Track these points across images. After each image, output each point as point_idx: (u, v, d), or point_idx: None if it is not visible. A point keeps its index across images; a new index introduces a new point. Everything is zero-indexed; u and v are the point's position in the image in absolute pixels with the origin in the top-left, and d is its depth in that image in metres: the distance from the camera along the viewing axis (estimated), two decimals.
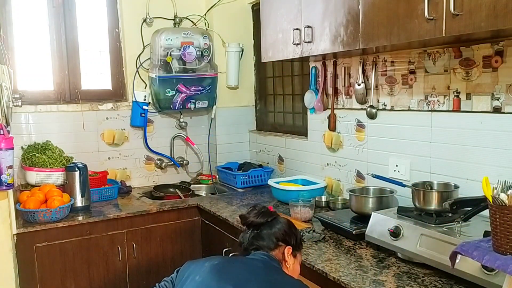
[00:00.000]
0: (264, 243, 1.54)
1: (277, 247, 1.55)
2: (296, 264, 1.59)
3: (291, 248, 1.56)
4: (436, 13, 1.56)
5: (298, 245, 1.62)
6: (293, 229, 1.62)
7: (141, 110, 3.23)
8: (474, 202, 1.63)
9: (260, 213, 1.58)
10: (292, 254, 1.57)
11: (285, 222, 1.61)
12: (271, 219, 1.58)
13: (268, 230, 1.56)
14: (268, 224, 1.57)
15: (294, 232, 1.61)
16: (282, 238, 1.56)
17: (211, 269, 1.42)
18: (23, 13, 3.00)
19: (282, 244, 1.55)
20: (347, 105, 2.59)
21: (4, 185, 2.16)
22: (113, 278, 2.66)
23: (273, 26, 2.53)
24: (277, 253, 1.55)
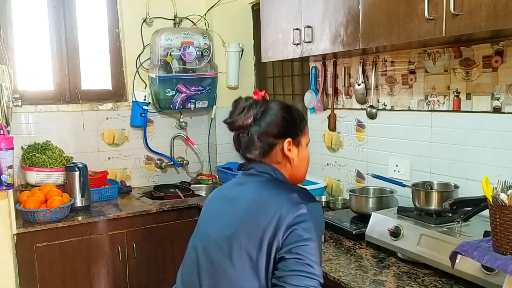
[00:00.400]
0: (259, 147, 1.31)
1: (273, 146, 1.32)
2: (301, 152, 1.35)
3: (291, 140, 1.33)
4: (436, 13, 1.56)
5: (298, 130, 1.35)
6: (288, 115, 1.34)
7: (141, 110, 3.23)
8: (474, 202, 1.63)
9: (243, 110, 1.33)
10: (294, 144, 1.33)
11: (279, 109, 1.33)
12: (259, 112, 1.32)
13: (259, 129, 1.31)
14: (258, 122, 1.31)
15: (293, 117, 1.35)
16: (278, 134, 1.31)
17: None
18: (23, 13, 2.99)
19: (278, 140, 1.32)
20: (347, 105, 2.59)
21: (4, 185, 2.16)
22: (113, 278, 2.66)
23: (273, 26, 2.53)
24: (276, 151, 1.32)
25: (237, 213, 1.26)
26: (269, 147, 1.32)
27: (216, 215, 1.34)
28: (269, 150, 1.32)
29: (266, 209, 1.21)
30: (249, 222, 1.22)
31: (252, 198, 1.28)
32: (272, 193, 1.26)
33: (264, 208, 1.22)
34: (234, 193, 1.34)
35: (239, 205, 1.28)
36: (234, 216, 1.26)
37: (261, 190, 1.29)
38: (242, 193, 1.31)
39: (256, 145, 1.32)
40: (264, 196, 1.26)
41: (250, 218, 1.23)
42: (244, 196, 1.30)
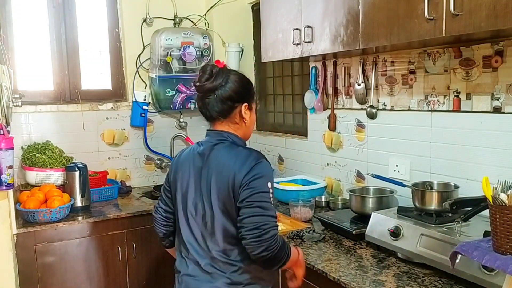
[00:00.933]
0: (221, 109, 1.57)
1: (233, 109, 1.58)
2: (252, 115, 1.64)
3: (247, 104, 1.60)
4: (436, 13, 1.56)
5: (251, 97, 1.64)
6: (247, 85, 1.62)
7: (141, 110, 3.23)
8: (474, 202, 1.63)
9: (213, 77, 1.55)
10: (248, 108, 1.61)
11: (238, 80, 1.59)
12: (224, 81, 1.56)
13: (222, 93, 1.56)
14: (222, 88, 1.55)
15: (248, 87, 1.62)
16: (236, 99, 1.57)
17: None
18: (23, 13, 3.00)
19: (237, 104, 1.58)
20: (347, 105, 2.59)
21: (4, 185, 2.16)
22: (113, 278, 2.66)
23: (273, 26, 2.53)
24: (235, 113, 1.59)
25: (208, 179, 1.53)
26: (230, 109, 1.58)
27: (194, 185, 1.58)
28: (229, 112, 1.58)
29: (227, 171, 1.49)
30: (218, 182, 1.51)
31: (215, 164, 1.54)
32: (230, 156, 1.53)
33: (225, 170, 1.50)
34: (199, 163, 1.58)
35: (208, 173, 1.54)
36: (207, 182, 1.53)
37: (221, 156, 1.55)
38: (207, 161, 1.56)
39: (219, 107, 1.57)
40: (224, 161, 1.53)
41: (217, 178, 1.51)
42: (209, 164, 1.55)
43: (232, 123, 1.61)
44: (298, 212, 2.35)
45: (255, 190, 1.46)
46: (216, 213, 1.50)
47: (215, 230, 1.52)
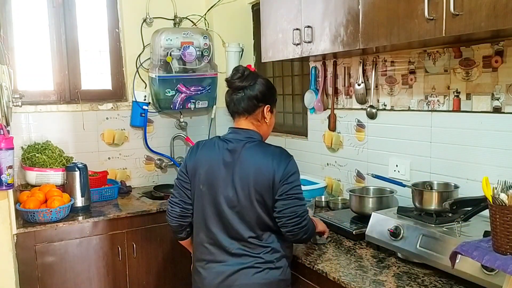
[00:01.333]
0: (247, 105, 1.77)
1: (257, 107, 1.78)
2: (272, 118, 1.86)
3: (269, 106, 1.81)
4: (436, 13, 1.56)
5: (274, 101, 1.86)
6: (271, 89, 1.84)
7: (141, 110, 3.23)
8: (474, 202, 1.63)
9: (244, 77, 1.77)
10: (270, 110, 1.82)
11: (264, 83, 1.81)
12: (253, 82, 1.77)
13: (250, 92, 1.77)
14: (250, 87, 1.77)
15: (272, 92, 1.84)
16: (261, 99, 1.78)
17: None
18: (23, 13, 3.00)
19: (261, 104, 1.78)
20: (347, 105, 2.59)
21: (4, 185, 2.16)
22: (113, 278, 2.66)
23: (273, 26, 2.53)
24: (259, 112, 1.79)
25: (244, 174, 1.69)
26: (254, 107, 1.78)
27: (225, 180, 1.71)
28: (254, 110, 1.78)
29: (266, 168, 1.68)
30: (257, 178, 1.67)
31: (251, 162, 1.70)
32: (265, 155, 1.72)
33: (264, 167, 1.68)
34: (230, 159, 1.73)
35: (243, 169, 1.70)
36: (242, 177, 1.69)
37: (255, 154, 1.72)
38: (239, 158, 1.72)
39: (245, 103, 1.77)
40: (259, 159, 1.71)
41: (257, 175, 1.67)
42: (243, 161, 1.71)
43: (255, 120, 1.79)
44: None
45: (293, 185, 1.68)
46: (254, 204, 1.68)
47: (250, 219, 1.69)
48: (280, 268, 1.73)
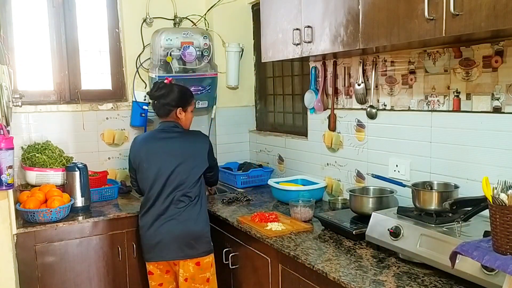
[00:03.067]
0: (162, 111, 2.46)
1: (171, 111, 2.45)
2: (187, 115, 2.51)
3: (181, 108, 2.46)
4: (436, 13, 1.56)
5: (187, 104, 2.49)
6: (182, 96, 2.47)
7: (141, 110, 3.23)
8: (474, 202, 1.63)
9: (158, 88, 2.45)
10: (183, 110, 2.47)
11: (176, 92, 2.46)
12: (166, 91, 2.44)
13: (163, 101, 2.44)
14: (163, 97, 2.43)
15: (184, 97, 2.48)
16: (174, 104, 2.44)
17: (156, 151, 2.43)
18: (23, 13, 3.00)
19: (174, 108, 2.45)
20: (347, 105, 2.59)
21: (4, 185, 2.16)
22: (113, 278, 2.66)
23: (273, 26, 2.53)
24: (173, 114, 2.45)
25: (178, 153, 2.40)
26: (169, 111, 2.46)
27: (163, 160, 2.39)
28: (169, 112, 2.47)
29: (200, 146, 2.46)
30: (191, 153, 2.42)
31: (182, 144, 2.44)
32: (196, 138, 2.50)
33: (198, 146, 2.46)
34: (164, 145, 2.42)
35: (177, 150, 2.40)
36: (178, 155, 2.39)
37: (184, 139, 2.46)
38: (172, 143, 2.42)
39: (162, 109, 2.47)
40: (189, 141, 2.47)
41: (189, 152, 2.42)
42: (175, 144, 2.42)
43: (172, 119, 2.47)
44: (298, 212, 2.35)
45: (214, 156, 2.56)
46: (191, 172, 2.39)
47: (186, 182, 2.37)
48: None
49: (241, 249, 2.38)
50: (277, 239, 2.08)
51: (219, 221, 2.57)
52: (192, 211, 2.34)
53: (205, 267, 2.35)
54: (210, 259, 2.37)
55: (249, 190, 3.14)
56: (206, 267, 2.35)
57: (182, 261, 2.32)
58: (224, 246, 2.51)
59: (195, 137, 2.48)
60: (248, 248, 2.31)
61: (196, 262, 2.32)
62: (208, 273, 2.36)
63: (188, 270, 2.32)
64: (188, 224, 2.31)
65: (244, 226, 2.31)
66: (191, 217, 2.33)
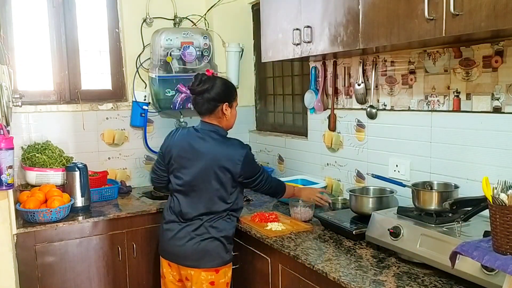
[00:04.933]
0: (207, 107, 2.15)
1: (216, 107, 2.15)
2: (233, 111, 2.22)
3: (227, 104, 2.16)
4: (436, 13, 1.56)
5: (232, 98, 2.20)
6: (228, 89, 2.19)
7: (141, 110, 3.23)
8: (474, 202, 1.63)
9: (201, 82, 2.13)
10: (229, 106, 2.17)
11: (221, 85, 2.16)
12: (210, 85, 2.12)
13: (208, 95, 2.13)
14: (208, 91, 2.12)
15: (229, 90, 2.19)
16: (219, 99, 2.14)
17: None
18: (23, 13, 2.99)
19: (219, 103, 2.15)
20: (347, 105, 2.59)
21: (4, 185, 2.16)
22: (113, 278, 2.66)
23: (273, 26, 2.53)
24: (218, 110, 2.16)
25: (208, 159, 2.12)
26: (214, 107, 2.16)
27: (193, 164, 2.15)
28: (214, 109, 2.16)
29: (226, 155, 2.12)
30: (219, 161, 2.11)
31: (214, 151, 2.14)
32: (226, 146, 2.16)
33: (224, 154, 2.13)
34: (199, 146, 2.15)
35: (207, 155, 2.13)
36: (207, 160, 2.12)
37: (218, 146, 2.15)
38: (206, 147, 2.14)
39: (206, 105, 2.15)
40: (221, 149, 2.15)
41: (218, 160, 2.11)
42: (209, 149, 2.14)
43: (216, 117, 2.18)
44: (298, 212, 2.35)
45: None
46: (214, 184, 2.13)
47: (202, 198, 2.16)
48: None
49: (241, 249, 2.38)
50: (277, 239, 2.08)
51: None
52: None
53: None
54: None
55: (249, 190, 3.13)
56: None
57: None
58: None
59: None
60: (248, 248, 2.31)
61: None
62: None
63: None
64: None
65: (244, 226, 2.31)
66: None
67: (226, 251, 2.16)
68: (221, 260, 2.14)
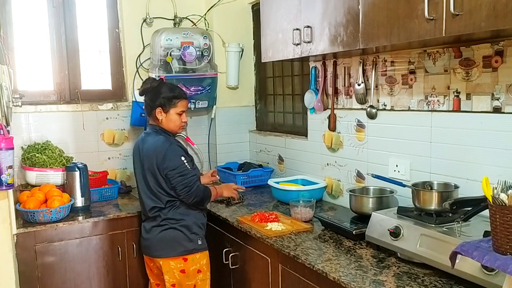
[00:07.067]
0: (147, 110, 2.35)
1: (152, 110, 2.31)
2: (169, 116, 2.30)
3: (161, 108, 2.29)
4: (436, 13, 1.56)
5: (168, 104, 2.29)
6: (164, 94, 2.29)
7: (141, 110, 3.22)
8: (474, 202, 1.63)
9: (143, 83, 2.36)
10: (164, 111, 2.29)
11: (159, 89, 2.30)
12: (150, 89, 2.32)
13: (146, 98, 2.34)
14: (147, 95, 2.33)
15: (166, 96, 2.28)
16: (153, 104, 2.29)
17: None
18: (23, 13, 3.00)
19: (153, 107, 2.29)
20: (347, 105, 2.59)
21: (4, 185, 2.16)
22: (113, 278, 2.66)
23: (273, 26, 2.53)
24: (154, 114, 2.30)
25: (143, 157, 2.31)
26: (151, 110, 2.32)
27: (136, 162, 2.37)
28: (150, 111, 2.33)
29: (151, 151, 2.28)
30: (148, 159, 2.28)
31: (148, 146, 2.30)
32: (153, 142, 2.29)
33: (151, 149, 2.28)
34: (142, 146, 2.33)
35: (145, 152, 2.29)
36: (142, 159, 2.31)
37: (151, 140, 2.30)
38: (145, 145, 2.31)
39: (146, 107, 2.36)
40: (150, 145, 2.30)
41: (148, 157, 2.28)
42: (147, 146, 2.30)
43: (154, 119, 2.33)
44: (298, 212, 2.35)
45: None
46: (150, 180, 2.32)
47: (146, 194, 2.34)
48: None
49: (241, 249, 2.38)
50: (277, 239, 2.08)
51: (219, 221, 2.57)
52: None
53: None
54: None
55: (249, 190, 3.14)
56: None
57: None
58: (224, 246, 2.51)
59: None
60: (248, 248, 2.31)
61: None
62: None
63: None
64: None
65: (244, 226, 2.31)
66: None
67: (189, 240, 2.28)
68: (183, 249, 2.27)
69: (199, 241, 2.31)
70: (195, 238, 2.30)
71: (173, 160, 2.22)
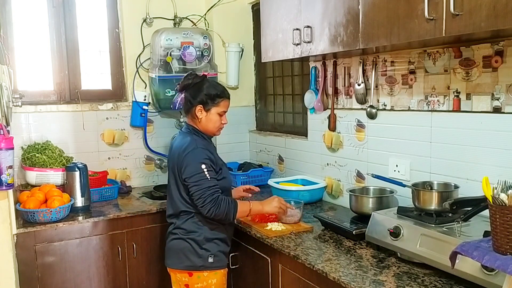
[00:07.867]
0: (184, 105, 2.19)
1: (192, 108, 2.14)
2: (208, 116, 2.13)
3: (202, 106, 2.11)
4: (436, 13, 1.56)
5: (208, 101, 2.12)
6: (207, 91, 2.12)
7: (141, 110, 3.23)
8: (474, 202, 1.63)
9: (185, 78, 2.17)
10: (205, 109, 2.12)
11: (202, 85, 2.13)
12: (192, 84, 2.14)
13: (187, 94, 2.16)
14: (188, 90, 2.15)
15: (208, 93, 2.11)
16: (194, 101, 2.12)
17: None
18: (23, 13, 3.00)
19: (194, 104, 2.12)
20: (347, 105, 2.59)
21: (4, 185, 2.16)
22: (113, 278, 2.66)
23: (273, 26, 2.53)
24: (192, 112, 2.14)
25: (170, 158, 2.19)
26: (190, 107, 2.15)
27: (168, 162, 2.22)
28: (189, 109, 2.16)
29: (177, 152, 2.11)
30: (174, 155, 2.13)
31: (175, 147, 2.16)
32: (180, 143, 2.12)
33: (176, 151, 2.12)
34: (172, 146, 2.21)
35: (171, 153, 2.18)
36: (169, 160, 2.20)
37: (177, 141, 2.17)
38: (173, 145, 2.19)
39: (185, 104, 2.19)
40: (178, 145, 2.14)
41: (172, 159, 2.15)
42: (174, 147, 2.17)
43: (191, 118, 2.17)
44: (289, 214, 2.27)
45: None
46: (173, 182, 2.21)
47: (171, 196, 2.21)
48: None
49: (241, 249, 2.38)
50: (277, 239, 2.08)
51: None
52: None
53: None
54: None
55: None
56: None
57: None
58: None
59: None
60: (248, 248, 2.31)
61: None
62: None
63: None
64: None
65: (244, 226, 2.31)
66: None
67: (198, 256, 2.07)
68: (189, 263, 2.08)
69: (209, 259, 2.08)
70: (205, 255, 2.08)
71: (191, 167, 2.02)
